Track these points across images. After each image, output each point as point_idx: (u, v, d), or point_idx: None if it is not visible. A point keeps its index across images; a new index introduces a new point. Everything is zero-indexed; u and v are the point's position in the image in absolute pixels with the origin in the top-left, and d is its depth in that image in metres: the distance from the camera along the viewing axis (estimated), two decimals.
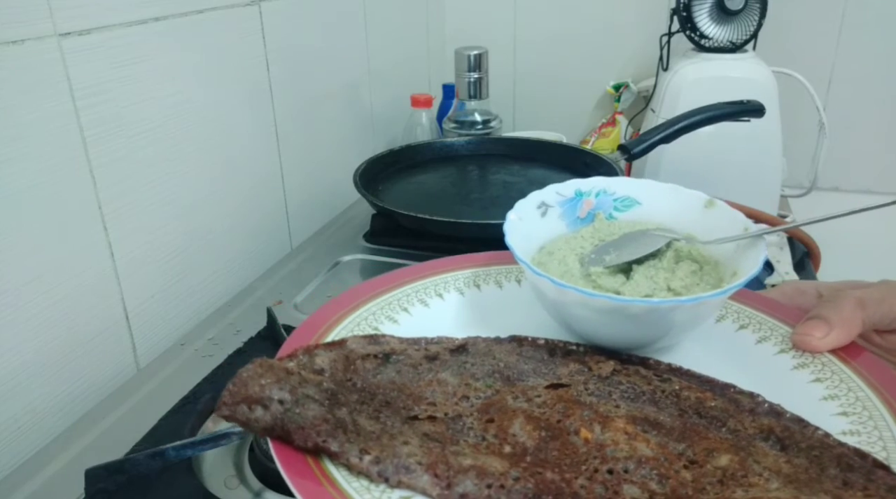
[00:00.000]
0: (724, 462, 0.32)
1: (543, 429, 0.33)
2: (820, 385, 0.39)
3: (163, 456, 0.47)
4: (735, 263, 0.42)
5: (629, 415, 0.34)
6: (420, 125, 1.10)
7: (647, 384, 0.38)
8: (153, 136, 0.65)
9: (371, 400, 0.34)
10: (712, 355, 0.42)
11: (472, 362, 0.39)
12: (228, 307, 0.73)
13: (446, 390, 0.36)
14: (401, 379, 0.36)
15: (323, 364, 0.35)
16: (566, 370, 0.39)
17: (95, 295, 0.61)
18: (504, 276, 0.48)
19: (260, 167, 0.83)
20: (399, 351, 0.38)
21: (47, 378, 0.57)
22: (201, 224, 0.73)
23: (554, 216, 0.48)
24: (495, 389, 0.36)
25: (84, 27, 0.56)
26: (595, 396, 0.36)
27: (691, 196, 0.47)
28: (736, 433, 0.35)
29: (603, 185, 0.49)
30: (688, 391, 0.37)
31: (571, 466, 0.31)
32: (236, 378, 0.32)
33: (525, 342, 0.41)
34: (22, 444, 0.55)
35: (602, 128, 1.29)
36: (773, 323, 0.45)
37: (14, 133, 0.52)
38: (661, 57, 1.07)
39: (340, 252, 0.83)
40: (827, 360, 0.41)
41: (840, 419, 0.37)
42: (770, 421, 0.36)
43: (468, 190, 0.92)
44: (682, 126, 0.79)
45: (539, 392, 0.36)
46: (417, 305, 0.44)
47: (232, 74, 0.75)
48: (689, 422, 0.35)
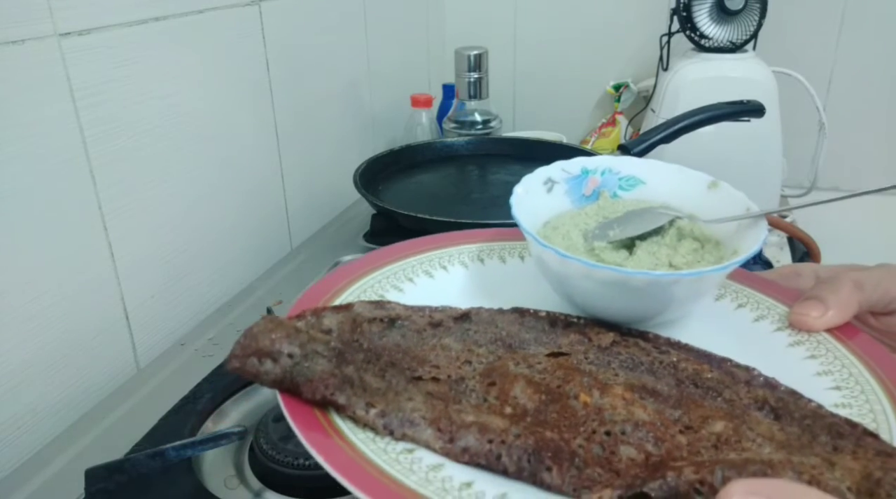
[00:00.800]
0: (719, 428, 0.33)
1: (543, 393, 0.34)
2: (814, 362, 0.40)
3: (163, 456, 0.47)
4: (736, 243, 0.43)
5: (627, 383, 0.35)
6: (420, 125, 1.10)
7: (645, 356, 0.39)
8: (153, 136, 0.65)
9: (377, 360, 0.35)
10: (710, 331, 0.42)
11: (476, 330, 0.39)
12: (228, 307, 0.73)
13: (450, 355, 0.36)
14: (405, 342, 0.37)
15: (330, 325, 0.36)
16: (567, 340, 0.40)
17: (95, 295, 0.61)
18: (508, 252, 0.49)
19: (260, 167, 0.83)
20: (404, 317, 0.39)
21: (47, 378, 0.57)
22: (201, 224, 0.73)
23: (559, 193, 0.48)
24: (497, 355, 0.37)
25: (84, 27, 0.56)
26: (594, 364, 0.37)
27: (695, 177, 0.48)
28: (731, 403, 0.36)
29: (609, 163, 0.49)
30: (685, 363, 0.38)
31: (570, 427, 0.32)
32: (247, 332, 0.33)
33: (527, 314, 0.42)
34: (22, 444, 0.55)
35: (602, 128, 1.29)
36: (771, 302, 0.46)
37: (14, 133, 0.52)
38: (661, 57, 1.07)
39: (340, 252, 0.83)
40: (822, 338, 0.42)
41: (833, 393, 0.38)
42: (765, 392, 0.37)
43: (468, 190, 0.92)
44: (682, 126, 0.79)
45: (540, 359, 0.37)
46: (422, 276, 0.45)
47: (232, 74, 0.75)
48: (685, 391, 0.36)
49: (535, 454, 0.30)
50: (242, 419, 0.56)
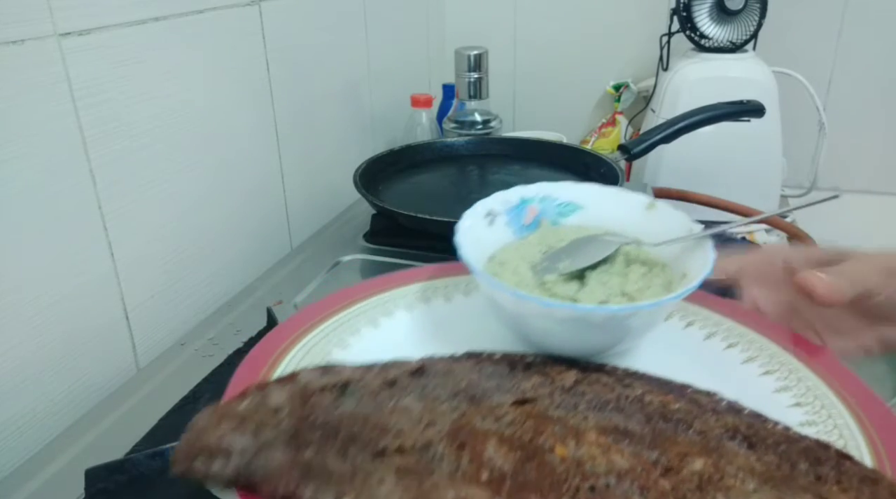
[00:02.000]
0: (699, 466, 0.32)
1: (518, 449, 0.32)
2: (770, 378, 0.41)
3: (163, 456, 0.47)
4: (683, 265, 0.43)
5: (599, 426, 0.34)
6: (420, 125, 1.10)
7: (610, 392, 0.38)
8: (153, 136, 0.65)
9: (335, 436, 0.32)
10: (664, 355, 0.42)
11: (434, 384, 0.37)
12: (228, 307, 0.73)
13: (411, 417, 0.34)
14: (362, 410, 0.35)
15: (279, 402, 0.34)
16: (529, 384, 0.38)
17: (95, 295, 0.61)
18: (451, 288, 0.48)
19: (260, 167, 0.83)
20: (356, 379, 0.37)
21: (47, 378, 0.57)
22: (201, 224, 0.73)
23: (501, 224, 0.48)
24: (461, 410, 0.35)
25: (84, 27, 0.56)
26: (562, 408, 0.36)
27: (633, 199, 0.48)
28: (703, 435, 0.35)
29: (546, 191, 0.49)
30: (650, 395, 0.38)
31: (553, 486, 0.31)
32: (190, 429, 0.30)
33: (483, 359, 0.40)
34: (22, 444, 0.55)
35: (602, 128, 1.29)
36: (719, 318, 0.46)
37: (14, 133, 0.52)
38: (661, 57, 1.07)
39: (340, 252, 0.83)
40: (774, 351, 0.42)
41: (795, 411, 0.38)
42: (733, 419, 0.36)
43: (468, 190, 0.92)
44: (682, 126, 0.79)
45: (506, 410, 0.35)
46: (367, 326, 0.43)
47: (232, 74, 0.75)
48: (657, 427, 0.35)
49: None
50: None
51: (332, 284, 0.76)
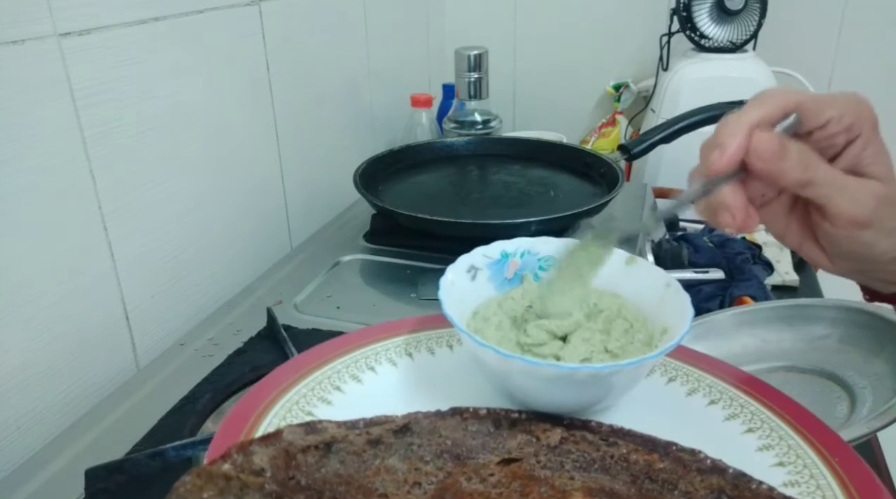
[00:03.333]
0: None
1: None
2: (752, 436, 0.41)
3: (163, 456, 0.47)
4: (663, 320, 0.43)
5: (585, 487, 0.34)
6: (420, 125, 1.10)
7: (595, 450, 0.38)
8: (153, 136, 0.65)
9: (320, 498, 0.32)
10: (645, 411, 0.42)
11: (419, 443, 0.37)
12: (228, 307, 0.73)
13: (396, 478, 0.34)
14: (346, 470, 0.34)
15: (262, 463, 0.33)
16: (515, 443, 0.38)
17: (95, 295, 0.61)
18: (435, 342, 0.48)
19: (260, 167, 0.83)
20: (340, 438, 0.36)
21: (47, 378, 0.57)
22: (201, 224, 0.73)
23: (483, 279, 0.47)
24: (447, 471, 0.35)
25: (84, 27, 0.56)
26: (548, 468, 0.36)
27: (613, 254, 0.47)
28: (688, 495, 0.35)
29: (527, 245, 0.48)
30: (635, 454, 0.38)
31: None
32: (173, 493, 0.30)
33: (468, 415, 0.40)
34: (22, 444, 0.55)
35: (602, 128, 1.29)
36: (700, 374, 0.46)
37: (14, 133, 0.52)
38: (661, 57, 1.07)
39: (340, 252, 0.83)
40: (755, 409, 0.43)
41: (778, 470, 0.38)
42: (717, 480, 0.36)
43: (468, 190, 0.92)
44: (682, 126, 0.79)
45: (492, 470, 0.35)
46: (350, 381, 0.43)
47: (232, 74, 0.75)
48: (643, 488, 0.35)
49: None
50: None
51: (333, 284, 0.76)
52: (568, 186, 0.90)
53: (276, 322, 0.63)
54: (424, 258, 0.80)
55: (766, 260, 0.82)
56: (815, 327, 0.61)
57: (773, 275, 0.81)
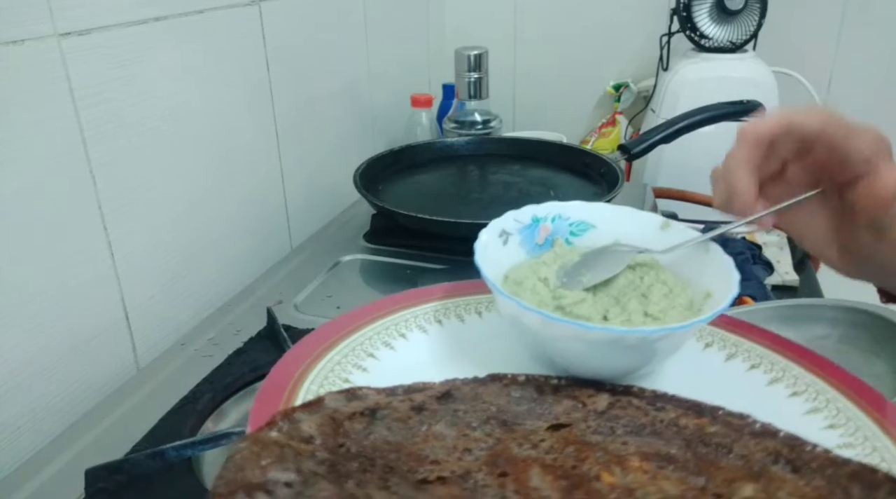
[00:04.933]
0: (749, 492, 0.31)
1: (562, 477, 0.31)
2: (799, 399, 0.40)
3: (163, 456, 0.47)
4: (705, 284, 0.42)
5: (640, 451, 0.33)
6: (420, 125, 1.10)
7: (644, 415, 0.37)
8: (153, 136, 0.65)
9: (372, 467, 0.31)
10: (686, 376, 0.41)
11: (464, 410, 0.36)
12: (228, 307, 0.73)
13: (445, 444, 0.33)
14: (394, 437, 0.33)
15: (310, 430, 0.32)
16: (561, 408, 0.37)
17: (95, 295, 0.61)
18: (463, 308, 0.47)
19: (260, 167, 0.83)
20: (383, 405, 0.35)
21: (47, 378, 0.57)
22: (201, 224, 0.73)
23: (514, 244, 0.47)
24: (496, 437, 0.34)
25: (84, 27, 0.56)
26: (599, 434, 0.35)
27: (647, 218, 0.47)
28: (745, 459, 0.34)
29: (558, 210, 0.48)
30: (685, 419, 0.37)
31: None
32: (229, 463, 0.28)
33: (507, 381, 0.40)
34: (22, 444, 0.55)
35: (602, 128, 1.29)
36: (737, 339, 0.45)
37: (14, 133, 0.52)
38: (661, 57, 1.07)
39: (340, 252, 0.83)
40: (798, 373, 0.41)
41: (830, 433, 0.37)
42: (773, 443, 0.35)
43: (468, 190, 0.92)
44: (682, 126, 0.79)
45: (542, 436, 0.34)
46: (383, 348, 0.43)
47: (232, 74, 0.75)
48: (698, 452, 0.34)
49: None
50: (242, 419, 0.56)
51: (333, 284, 0.76)
52: (568, 186, 0.90)
53: (276, 322, 0.63)
54: (424, 258, 0.80)
55: (766, 260, 0.82)
56: (814, 327, 0.61)
57: (773, 275, 0.81)
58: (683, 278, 0.43)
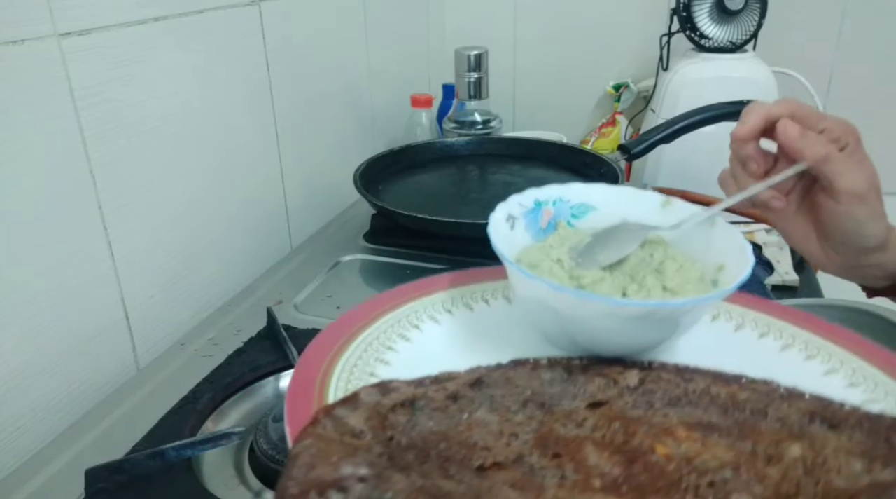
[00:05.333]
0: (798, 452, 0.32)
1: (617, 453, 0.31)
2: (814, 362, 0.41)
3: (163, 456, 0.47)
4: (714, 256, 0.43)
5: (683, 422, 0.34)
6: (420, 125, 1.10)
7: (676, 388, 0.37)
8: (153, 136, 0.65)
9: (427, 458, 0.31)
10: (700, 349, 0.42)
11: (499, 395, 0.36)
12: (228, 307, 0.73)
13: (490, 430, 0.33)
14: (439, 427, 0.33)
15: (358, 425, 0.31)
16: (594, 387, 0.37)
17: (95, 295, 0.61)
18: (470, 297, 0.47)
19: (260, 167, 0.83)
20: (419, 395, 0.35)
21: (47, 378, 0.57)
22: (201, 224, 0.73)
23: (520, 228, 0.47)
24: (538, 419, 0.34)
25: (84, 27, 0.56)
26: (638, 408, 0.35)
27: (647, 197, 0.47)
28: (782, 422, 0.34)
29: (559, 193, 0.48)
30: (715, 387, 0.37)
31: (671, 486, 0.30)
32: (296, 461, 0.28)
33: (532, 365, 0.40)
34: (22, 444, 0.55)
35: (602, 128, 1.29)
36: (743, 310, 0.46)
37: (14, 133, 0.52)
38: (661, 57, 1.07)
39: (340, 252, 0.83)
40: (808, 337, 0.42)
41: (853, 391, 0.38)
42: (805, 404, 0.36)
43: (468, 190, 0.92)
44: (682, 126, 0.79)
45: (583, 415, 0.34)
46: (399, 341, 0.43)
47: (232, 74, 0.75)
48: (737, 419, 0.35)
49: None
50: (242, 419, 0.56)
51: (333, 284, 0.76)
52: None
53: (276, 322, 0.63)
54: (424, 258, 0.80)
55: (766, 260, 0.82)
56: None
57: (773, 275, 0.81)
58: (691, 253, 0.44)
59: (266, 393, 0.59)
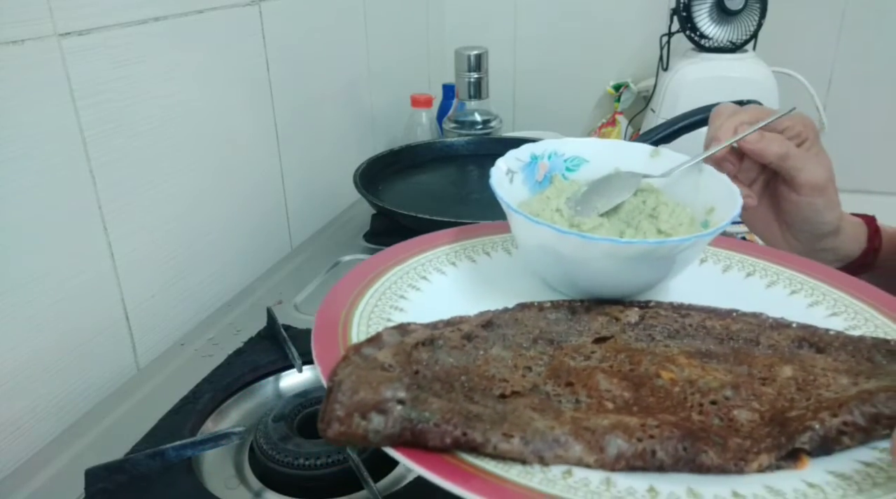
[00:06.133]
0: (790, 373, 0.34)
1: (625, 379, 0.34)
2: (799, 296, 0.44)
3: (163, 456, 0.47)
4: (704, 201, 0.45)
5: (683, 351, 0.36)
6: (420, 125, 1.10)
7: (674, 322, 0.40)
8: (153, 136, 0.65)
9: (452, 388, 0.33)
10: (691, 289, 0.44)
11: (512, 333, 0.39)
12: (228, 307, 0.73)
13: (506, 364, 0.36)
14: (459, 362, 0.35)
15: (386, 360, 0.33)
16: (598, 324, 0.40)
17: (95, 295, 0.61)
18: (472, 250, 0.50)
19: (260, 167, 0.83)
20: (437, 336, 0.37)
21: (47, 378, 0.57)
22: (201, 224, 0.73)
23: (518, 182, 0.50)
24: (549, 354, 0.37)
25: (84, 27, 0.56)
26: (641, 341, 0.38)
27: (636, 148, 0.50)
28: (773, 348, 0.37)
29: (553, 147, 0.51)
30: (709, 321, 0.40)
31: (677, 406, 0.32)
32: (340, 387, 0.29)
33: (538, 307, 0.42)
34: (22, 444, 0.55)
35: (602, 128, 1.29)
36: (728, 253, 0.49)
37: (14, 133, 0.52)
38: (661, 57, 1.07)
39: (340, 252, 0.83)
40: (791, 274, 0.46)
41: (835, 320, 0.41)
42: (793, 332, 0.39)
43: (468, 190, 0.92)
44: (682, 126, 0.79)
45: (591, 348, 0.37)
46: (410, 290, 0.45)
47: (232, 74, 0.75)
48: (733, 347, 0.38)
49: (686, 440, 0.29)
50: (242, 419, 0.56)
51: (332, 284, 0.76)
52: None
53: (276, 322, 0.63)
54: None
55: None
56: None
57: None
58: (681, 199, 0.46)
59: (266, 393, 0.59)
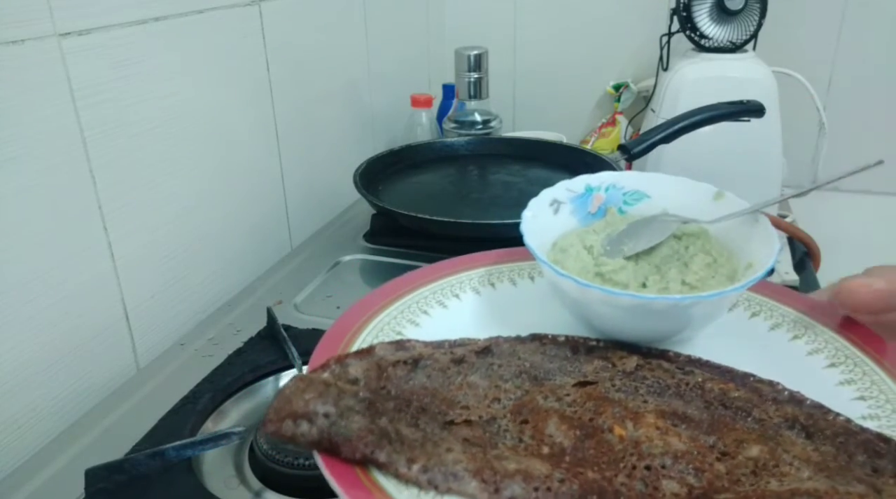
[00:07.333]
0: (755, 453, 0.33)
1: (577, 428, 0.34)
2: (835, 370, 0.41)
3: (163, 456, 0.47)
4: (749, 255, 0.43)
5: (658, 409, 0.36)
6: (420, 125, 1.10)
7: (671, 378, 0.39)
8: (153, 136, 0.65)
9: (407, 407, 0.35)
10: (728, 344, 0.42)
11: (499, 364, 0.39)
12: (228, 307, 0.73)
13: (477, 393, 0.36)
14: (432, 384, 0.37)
15: (356, 373, 0.36)
16: (591, 367, 0.39)
17: (95, 295, 0.61)
18: (517, 273, 0.49)
19: (260, 167, 0.83)
20: (426, 356, 0.38)
21: (47, 378, 0.57)
22: (201, 224, 0.73)
23: (566, 213, 0.48)
24: (525, 389, 0.37)
25: (84, 27, 0.56)
26: (622, 392, 0.37)
27: (701, 188, 0.48)
28: (762, 423, 0.36)
29: (612, 179, 0.49)
30: (711, 383, 0.38)
31: (610, 464, 0.32)
32: (280, 396, 0.33)
33: (546, 340, 0.42)
34: (22, 444, 0.55)
35: (602, 128, 1.29)
36: (785, 310, 0.46)
37: (14, 133, 0.52)
38: (661, 57, 1.07)
39: (340, 252, 0.83)
40: (840, 345, 0.42)
41: (858, 404, 0.38)
42: (793, 409, 0.37)
43: (468, 190, 0.92)
44: (682, 126, 0.79)
45: (568, 391, 0.37)
46: (436, 306, 0.45)
47: (232, 74, 0.75)
48: (715, 413, 0.36)
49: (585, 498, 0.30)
50: (242, 419, 0.56)
51: (333, 284, 0.76)
52: None
53: (276, 322, 0.63)
54: (424, 258, 0.80)
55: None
56: None
57: (772, 275, 0.81)
58: (730, 249, 0.44)
59: (266, 393, 0.59)
